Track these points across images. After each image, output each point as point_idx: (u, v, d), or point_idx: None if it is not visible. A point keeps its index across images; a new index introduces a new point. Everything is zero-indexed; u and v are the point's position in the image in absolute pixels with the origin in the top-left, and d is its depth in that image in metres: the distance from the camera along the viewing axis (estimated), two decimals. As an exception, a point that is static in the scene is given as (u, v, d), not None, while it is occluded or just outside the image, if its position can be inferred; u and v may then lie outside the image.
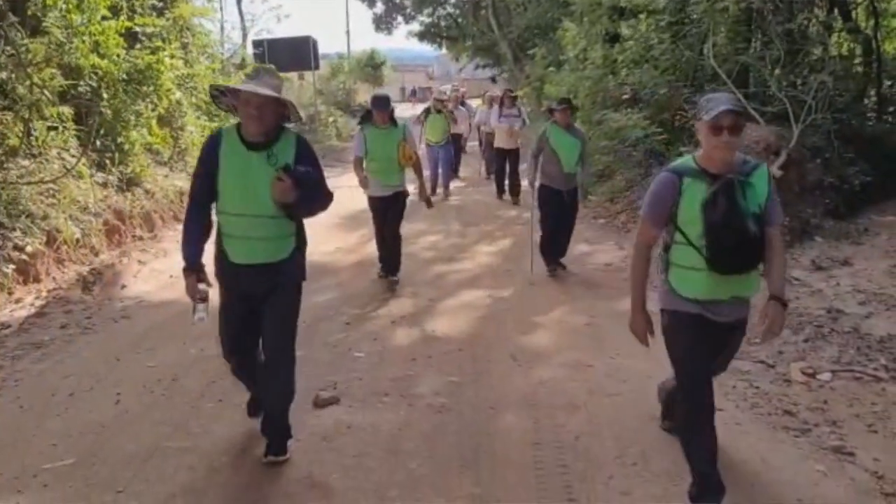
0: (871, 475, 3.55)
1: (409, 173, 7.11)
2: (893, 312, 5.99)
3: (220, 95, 3.50)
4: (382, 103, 6.67)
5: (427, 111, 12.53)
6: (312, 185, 3.40)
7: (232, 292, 3.56)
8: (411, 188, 7.23)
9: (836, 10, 13.37)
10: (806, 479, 3.51)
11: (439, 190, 12.60)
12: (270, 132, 3.38)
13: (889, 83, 14.08)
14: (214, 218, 3.52)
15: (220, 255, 3.51)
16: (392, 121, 6.73)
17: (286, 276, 3.58)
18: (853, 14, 13.79)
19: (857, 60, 13.41)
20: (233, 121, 3.60)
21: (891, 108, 13.74)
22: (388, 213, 6.92)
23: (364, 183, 6.91)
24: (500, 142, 12.11)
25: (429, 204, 7.49)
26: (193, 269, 3.40)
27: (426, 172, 9.23)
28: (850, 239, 8.54)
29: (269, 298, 3.52)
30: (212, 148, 3.40)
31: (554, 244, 7.39)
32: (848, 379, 4.71)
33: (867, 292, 6.53)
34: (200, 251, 3.46)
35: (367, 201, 7.09)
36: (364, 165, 6.85)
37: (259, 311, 3.53)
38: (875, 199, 10.38)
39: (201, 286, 3.40)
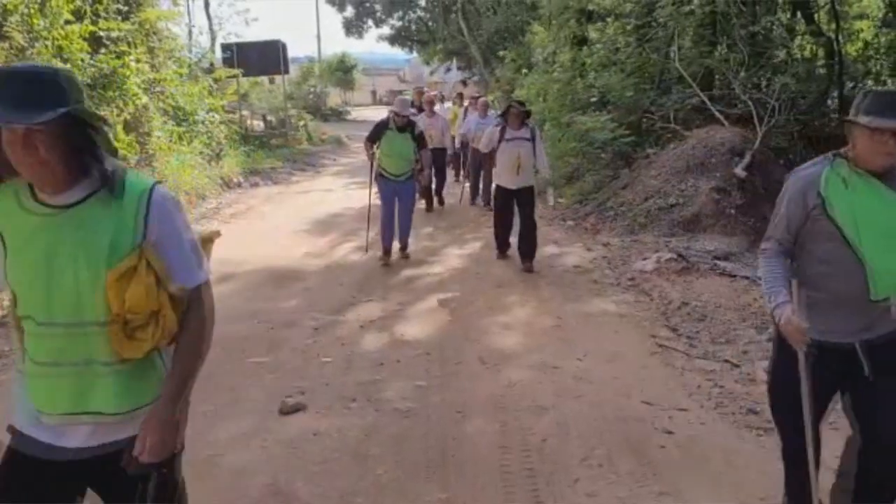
0: (832, 472, 3.59)
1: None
2: (855, 311, 6.10)
3: None
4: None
5: (382, 126, 7.97)
6: None
7: None
8: None
9: (798, 14, 13.64)
10: (769, 478, 3.54)
11: (395, 249, 8.25)
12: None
13: (851, 85, 14.37)
14: None
15: None
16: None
17: None
18: (815, 17, 14.05)
19: (819, 62, 13.67)
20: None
21: (853, 110, 14.01)
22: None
23: None
24: (504, 178, 7.86)
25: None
26: None
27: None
28: (813, 239, 8.67)
29: None
30: None
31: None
32: (810, 377, 4.77)
33: (830, 291, 6.64)
34: None
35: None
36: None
37: None
38: (838, 199, 10.58)
39: None
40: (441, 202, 11.93)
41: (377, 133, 8.00)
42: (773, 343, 2.99)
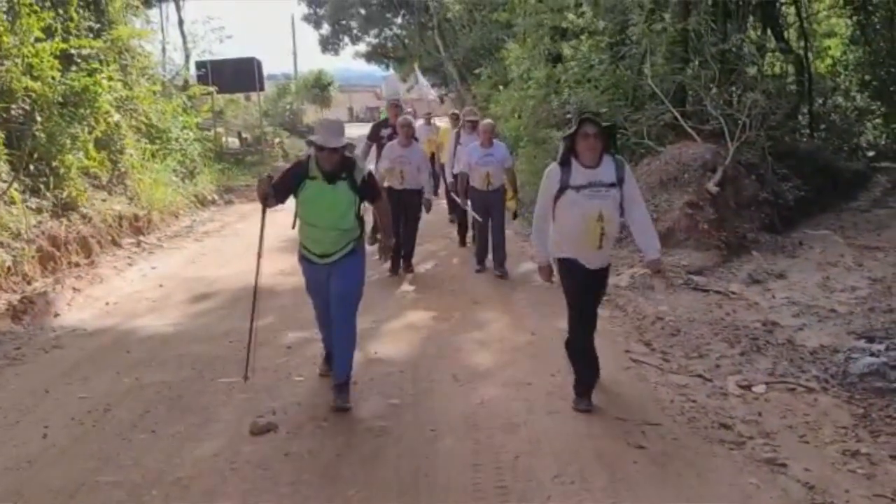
0: (802, 486, 3.61)
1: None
2: (825, 324, 6.17)
3: None
4: None
5: (298, 173, 4.59)
6: None
7: None
8: None
9: (768, 31, 13.86)
10: (740, 492, 3.56)
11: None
12: None
13: (820, 101, 14.64)
14: None
15: None
16: None
17: None
18: (785, 34, 14.30)
19: (789, 79, 13.90)
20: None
21: (822, 125, 14.28)
22: None
23: None
24: (575, 250, 4.35)
25: None
26: None
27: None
28: (785, 252, 8.78)
29: None
30: None
31: None
32: (781, 390, 4.82)
33: (801, 304, 6.72)
34: None
35: None
36: None
37: None
38: (809, 213, 10.74)
39: None
40: (409, 268, 8.22)
41: (289, 183, 4.58)
42: None
